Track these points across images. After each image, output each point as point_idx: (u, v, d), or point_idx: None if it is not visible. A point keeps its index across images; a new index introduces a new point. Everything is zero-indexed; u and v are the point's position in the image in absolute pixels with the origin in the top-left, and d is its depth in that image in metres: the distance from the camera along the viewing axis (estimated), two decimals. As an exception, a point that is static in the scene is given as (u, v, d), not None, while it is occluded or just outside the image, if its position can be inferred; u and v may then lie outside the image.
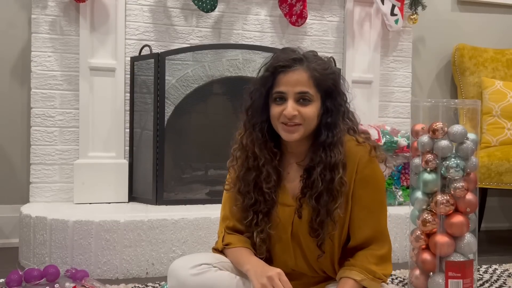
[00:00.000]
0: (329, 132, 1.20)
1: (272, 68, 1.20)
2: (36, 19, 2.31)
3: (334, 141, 1.20)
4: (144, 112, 2.37)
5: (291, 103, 1.18)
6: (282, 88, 1.19)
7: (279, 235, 1.24)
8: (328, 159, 1.19)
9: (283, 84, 1.19)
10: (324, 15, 2.69)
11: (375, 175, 1.24)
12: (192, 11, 2.49)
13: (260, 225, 1.23)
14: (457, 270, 1.31)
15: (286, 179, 1.27)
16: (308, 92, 1.18)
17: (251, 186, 1.24)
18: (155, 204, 2.25)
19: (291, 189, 1.26)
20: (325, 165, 1.19)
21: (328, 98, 1.21)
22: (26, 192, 2.36)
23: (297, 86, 1.18)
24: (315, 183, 1.19)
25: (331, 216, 1.19)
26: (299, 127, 1.19)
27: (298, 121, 1.18)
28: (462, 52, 2.95)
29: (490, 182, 2.36)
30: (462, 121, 2.33)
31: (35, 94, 2.32)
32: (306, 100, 1.18)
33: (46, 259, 1.97)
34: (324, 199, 1.18)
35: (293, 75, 1.18)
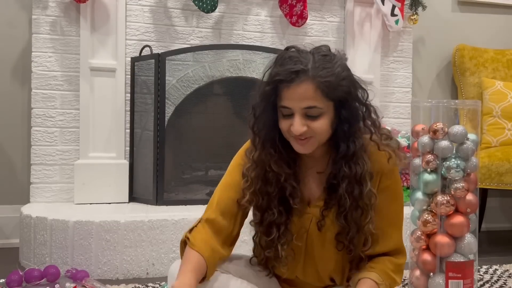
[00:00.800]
0: (349, 142, 1.10)
1: (272, 83, 1.07)
2: (37, 20, 2.31)
3: (356, 150, 1.10)
4: (145, 112, 2.37)
5: (298, 119, 1.05)
6: (287, 104, 1.06)
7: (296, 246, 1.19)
8: (353, 172, 1.10)
9: (287, 99, 1.06)
10: (324, 15, 2.70)
11: (396, 185, 1.20)
12: (192, 11, 2.49)
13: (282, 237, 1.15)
14: (457, 270, 1.31)
15: (302, 186, 1.18)
16: (316, 106, 1.05)
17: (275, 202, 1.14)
18: (155, 204, 2.26)
19: (307, 196, 1.19)
20: (350, 180, 1.10)
21: (342, 107, 1.09)
22: (27, 193, 2.36)
23: (303, 101, 1.04)
24: (341, 200, 1.11)
25: (362, 231, 1.13)
26: (311, 139, 1.09)
27: (309, 135, 1.08)
28: (463, 52, 2.95)
29: (490, 182, 2.36)
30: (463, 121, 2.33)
31: (35, 94, 2.32)
32: (315, 115, 1.06)
33: (47, 260, 1.97)
34: (353, 216, 1.11)
35: (297, 89, 1.04)
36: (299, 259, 1.21)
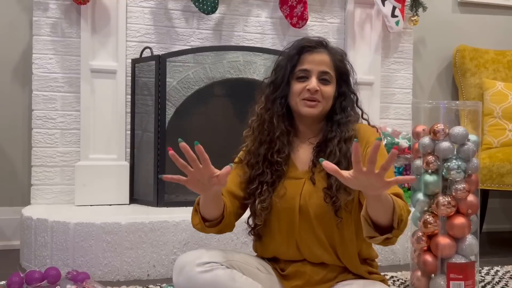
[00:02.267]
0: (342, 113, 1.30)
1: (299, 47, 1.30)
2: (38, 22, 2.31)
3: (347, 120, 1.29)
4: (145, 114, 2.37)
5: (314, 79, 1.27)
6: (307, 66, 1.28)
7: (286, 206, 1.27)
8: (343, 133, 1.27)
9: (308, 62, 1.28)
10: (324, 17, 2.70)
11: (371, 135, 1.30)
12: (193, 13, 2.49)
13: (263, 194, 1.27)
14: (458, 272, 1.31)
15: (296, 156, 1.32)
16: (329, 73, 1.28)
17: (261, 158, 1.29)
18: (156, 206, 2.26)
19: (301, 165, 1.31)
20: (340, 138, 1.27)
21: (343, 83, 1.32)
22: (27, 194, 2.36)
23: (321, 65, 1.28)
24: (332, 152, 1.26)
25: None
26: (319, 104, 1.27)
27: (319, 98, 1.26)
28: (463, 53, 2.95)
29: (491, 183, 2.36)
30: (463, 122, 2.33)
31: (36, 96, 2.32)
32: (327, 80, 1.28)
33: (47, 261, 1.97)
34: (343, 166, 1.21)
35: (317, 55, 1.29)
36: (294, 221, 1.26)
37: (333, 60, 1.30)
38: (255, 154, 1.31)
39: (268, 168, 1.29)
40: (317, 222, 1.25)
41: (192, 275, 1.16)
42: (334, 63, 1.30)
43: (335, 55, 1.31)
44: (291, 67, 1.30)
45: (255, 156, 1.31)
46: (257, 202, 1.27)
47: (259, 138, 1.31)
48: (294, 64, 1.30)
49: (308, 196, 1.26)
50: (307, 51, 1.29)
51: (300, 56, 1.29)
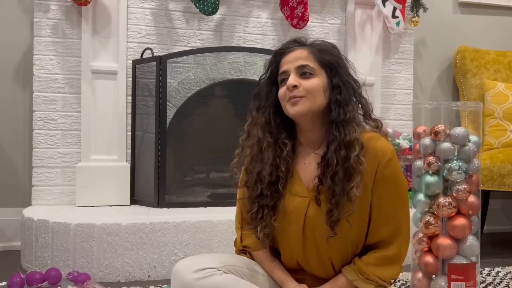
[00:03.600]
0: (340, 109, 1.18)
1: (274, 54, 1.25)
2: (38, 23, 2.32)
3: (346, 118, 1.17)
4: (146, 115, 2.37)
5: (293, 76, 1.19)
6: (284, 68, 1.22)
7: (287, 227, 1.22)
8: (342, 136, 1.16)
9: (284, 63, 1.22)
10: (325, 17, 2.70)
11: (395, 175, 1.21)
12: (193, 14, 2.49)
13: (265, 219, 1.21)
14: (459, 272, 1.30)
15: (301, 169, 1.24)
16: (308, 65, 1.19)
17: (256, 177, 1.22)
18: (157, 207, 2.26)
19: (306, 179, 1.23)
20: (339, 143, 1.16)
21: (334, 74, 1.21)
22: (28, 195, 2.36)
23: (296, 61, 1.20)
24: (329, 161, 1.16)
25: (347, 195, 1.14)
26: (302, 99, 1.17)
27: (301, 93, 1.17)
28: (464, 54, 2.95)
29: (492, 184, 2.36)
30: (464, 123, 2.33)
31: (37, 97, 2.32)
32: (308, 73, 1.19)
33: (48, 262, 1.97)
34: (339, 176, 1.14)
35: (292, 53, 1.22)
36: (297, 242, 1.23)
37: (312, 52, 1.20)
38: (251, 173, 1.24)
39: (266, 189, 1.21)
40: (323, 246, 1.21)
41: (189, 282, 1.15)
42: (313, 54, 1.20)
43: (313, 47, 1.22)
44: (271, 74, 1.25)
45: (251, 176, 1.24)
46: (259, 229, 1.21)
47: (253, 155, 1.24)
48: (274, 71, 1.24)
49: (314, 221, 1.20)
50: (282, 54, 1.23)
51: (277, 62, 1.24)
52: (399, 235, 1.23)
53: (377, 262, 1.21)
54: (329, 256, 1.23)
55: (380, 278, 1.21)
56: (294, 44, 1.24)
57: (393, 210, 1.22)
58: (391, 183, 1.21)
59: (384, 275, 1.21)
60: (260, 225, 1.22)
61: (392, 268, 1.23)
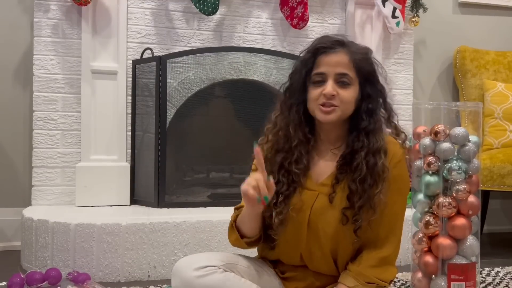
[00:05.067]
0: (370, 118, 1.20)
1: (313, 50, 1.21)
2: (38, 23, 2.32)
3: (375, 127, 1.21)
4: (146, 115, 2.37)
5: (331, 82, 1.18)
6: (322, 69, 1.19)
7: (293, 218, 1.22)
8: (372, 144, 1.19)
9: (323, 65, 1.19)
10: (325, 17, 2.70)
11: (402, 176, 1.24)
12: (193, 14, 2.49)
13: (279, 206, 1.21)
14: (459, 273, 1.30)
15: (314, 166, 1.26)
16: (348, 74, 1.18)
17: (277, 167, 1.23)
18: (157, 207, 2.26)
19: (316, 175, 1.25)
20: (368, 150, 1.18)
21: (367, 83, 1.21)
22: (28, 195, 2.36)
23: (337, 67, 1.18)
24: (359, 166, 1.18)
25: (371, 202, 1.17)
26: (336, 109, 1.18)
27: (336, 103, 1.17)
28: (464, 54, 2.95)
29: (492, 184, 2.36)
30: (464, 123, 2.33)
31: (37, 97, 2.32)
32: (345, 83, 1.18)
33: (48, 262, 1.97)
34: (368, 182, 1.17)
35: (334, 56, 1.19)
36: (302, 234, 1.23)
37: (352, 60, 1.19)
38: (271, 161, 1.24)
39: (284, 177, 1.22)
40: (326, 240, 1.22)
41: (190, 280, 1.15)
42: (354, 62, 1.19)
43: (355, 53, 1.20)
44: (306, 71, 1.21)
45: (271, 164, 1.24)
46: (274, 215, 1.21)
47: (275, 146, 1.25)
48: (309, 68, 1.21)
49: (320, 212, 1.21)
50: (322, 53, 1.19)
51: (315, 59, 1.20)
52: (393, 235, 1.25)
53: (375, 263, 1.21)
54: (332, 251, 1.24)
55: (380, 279, 1.21)
56: (336, 44, 1.20)
57: (393, 210, 1.24)
58: (397, 183, 1.23)
59: (383, 276, 1.22)
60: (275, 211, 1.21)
61: (389, 269, 1.24)
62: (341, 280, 1.22)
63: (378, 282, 1.21)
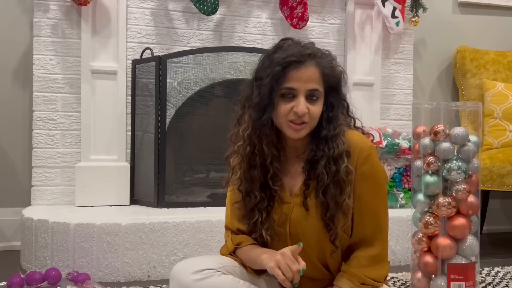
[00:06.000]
0: (330, 125, 1.19)
1: (285, 63, 1.14)
2: (38, 23, 2.32)
3: (335, 133, 1.18)
4: (146, 115, 2.37)
5: (302, 100, 1.14)
6: (294, 85, 1.15)
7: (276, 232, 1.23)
8: (331, 151, 1.17)
9: (295, 80, 1.15)
10: (325, 17, 2.70)
11: (374, 171, 1.22)
12: (193, 14, 2.49)
13: (265, 223, 1.21)
14: (459, 272, 1.31)
15: (285, 176, 1.25)
16: (318, 90, 1.17)
17: (257, 185, 1.21)
18: (156, 207, 2.26)
19: (289, 186, 1.24)
20: (328, 158, 1.17)
21: (332, 93, 1.20)
22: (28, 195, 2.36)
23: (308, 83, 1.15)
24: (320, 176, 1.17)
25: (341, 209, 1.17)
26: (306, 125, 1.16)
27: (306, 120, 1.15)
28: (463, 54, 2.95)
29: (492, 184, 2.36)
30: (464, 123, 2.33)
31: (37, 97, 2.32)
32: (315, 98, 1.16)
33: (48, 262, 1.97)
34: (331, 192, 1.16)
35: (305, 71, 1.15)
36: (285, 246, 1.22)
37: (321, 73, 1.17)
38: (248, 179, 1.22)
39: (263, 192, 1.21)
40: (310, 249, 1.22)
41: (188, 284, 1.15)
42: (323, 75, 1.17)
43: (324, 65, 1.17)
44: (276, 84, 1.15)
45: (248, 182, 1.22)
46: (264, 234, 1.21)
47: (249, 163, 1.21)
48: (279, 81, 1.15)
49: (298, 224, 1.21)
50: (294, 67, 1.14)
51: (285, 72, 1.14)
52: (380, 232, 1.24)
53: (367, 263, 1.21)
54: (319, 258, 1.24)
55: (374, 279, 1.21)
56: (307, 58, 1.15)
57: (374, 206, 1.23)
58: (370, 179, 1.21)
59: (377, 275, 1.22)
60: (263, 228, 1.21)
61: (381, 266, 1.24)
62: (336, 283, 1.22)
63: (372, 283, 1.21)
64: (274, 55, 1.18)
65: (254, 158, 1.21)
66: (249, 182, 1.21)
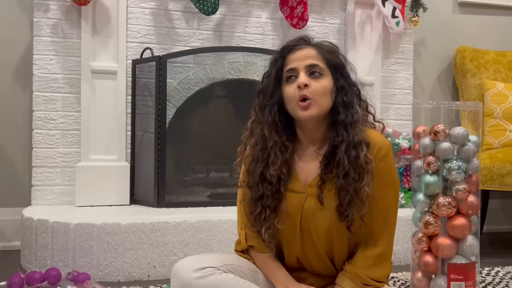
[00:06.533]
0: (347, 111, 1.20)
1: (281, 50, 1.23)
2: (38, 23, 2.32)
3: (353, 120, 1.19)
4: (146, 114, 2.37)
5: (303, 74, 1.18)
6: (292, 65, 1.20)
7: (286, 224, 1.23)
8: (351, 137, 1.17)
9: (292, 61, 1.20)
10: (325, 17, 2.70)
11: (390, 170, 1.23)
12: (193, 14, 2.49)
13: (268, 220, 1.21)
14: (459, 272, 1.31)
15: (300, 168, 1.25)
16: (318, 65, 1.19)
17: (258, 177, 1.22)
18: (156, 206, 2.26)
19: (304, 176, 1.24)
20: (348, 143, 1.17)
21: (340, 75, 1.22)
22: (28, 195, 2.36)
23: (306, 59, 1.19)
24: (341, 161, 1.17)
25: (359, 195, 1.17)
26: (312, 102, 1.17)
27: (310, 95, 1.17)
28: (464, 54, 2.95)
29: (492, 184, 2.36)
30: (464, 123, 2.33)
31: (37, 97, 2.32)
32: (317, 73, 1.19)
33: (48, 262, 1.97)
34: (351, 176, 1.16)
35: (301, 51, 1.21)
36: (296, 238, 1.24)
37: (320, 53, 1.21)
38: (252, 173, 1.23)
39: (268, 189, 1.21)
40: (319, 241, 1.22)
41: (189, 281, 1.15)
42: (322, 54, 1.21)
43: (321, 47, 1.22)
44: (276, 71, 1.22)
45: (253, 176, 1.23)
46: (263, 230, 1.22)
47: (254, 155, 1.23)
48: (279, 68, 1.22)
49: (311, 215, 1.21)
50: (289, 51, 1.22)
51: (284, 58, 1.22)
52: (387, 230, 1.25)
53: (370, 263, 1.21)
54: (327, 251, 1.24)
55: (376, 279, 1.21)
56: (301, 41, 1.23)
57: (385, 204, 1.23)
58: (385, 177, 1.22)
59: (379, 275, 1.22)
60: (264, 226, 1.22)
61: (384, 266, 1.24)
62: (338, 282, 1.22)
63: (374, 284, 1.21)
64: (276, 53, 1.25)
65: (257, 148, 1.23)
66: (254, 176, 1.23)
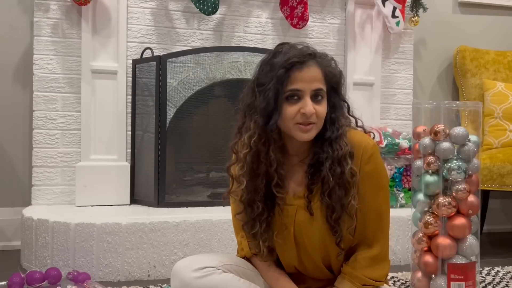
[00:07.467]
0: (333, 127, 1.18)
1: (288, 65, 1.12)
2: (38, 22, 2.32)
3: (338, 135, 1.17)
4: (146, 114, 2.37)
5: (309, 100, 1.13)
6: (299, 86, 1.13)
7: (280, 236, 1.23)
8: (336, 153, 1.16)
9: (299, 81, 1.12)
10: (325, 17, 2.70)
11: (378, 170, 1.22)
12: (193, 13, 2.49)
13: (264, 234, 1.21)
14: (459, 272, 1.31)
15: (288, 181, 1.24)
16: (322, 89, 1.15)
17: (260, 195, 1.18)
18: (156, 206, 2.26)
19: (292, 189, 1.23)
20: (333, 160, 1.16)
21: (333, 94, 1.20)
22: (28, 195, 2.36)
23: (313, 82, 1.14)
24: (325, 179, 1.16)
25: (346, 210, 1.16)
26: (314, 126, 1.15)
27: (314, 120, 1.13)
28: (464, 54, 2.95)
29: (492, 184, 2.36)
30: (464, 123, 2.33)
31: (37, 96, 2.32)
32: (320, 97, 1.15)
33: (48, 262, 1.97)
34: (337, 194, 1.15)
35: (308, 71, 1.13)
36: (290, 250, 1.24)
37: (323, 72, 1.16)
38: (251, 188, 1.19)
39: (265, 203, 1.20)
40: (314, 252, 1.22)
41: (189, 281, 1.16)
42: (325, 75, 1.16)
43: (324, 64, 1.17)
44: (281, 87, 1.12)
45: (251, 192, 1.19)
46: (262, 245, 1.21)
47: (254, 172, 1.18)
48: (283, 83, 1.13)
49: (303, 227, 1.20)
50: (296, 68, 1.12)
51: (289, 74, 1.12)
52: (381, 231, 1.24)
53: (368, 264, 1.21)
54: (323, 260, 1.24)
55: (375, 279, 1.21)
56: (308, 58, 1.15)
57: (377, 205, 1.23)
58: (374, 178, 1.21)
59: (378, 275, 1.22)
60: (261, 239, 1.21)
61: (382, 266, 1.24)
62: (337, 285, 1.22)
63: (373, 283, 1.21)
64: (273, 59, 1.16)
65: (258, 165, 1.18)
66: (252, 192, 1.19)
